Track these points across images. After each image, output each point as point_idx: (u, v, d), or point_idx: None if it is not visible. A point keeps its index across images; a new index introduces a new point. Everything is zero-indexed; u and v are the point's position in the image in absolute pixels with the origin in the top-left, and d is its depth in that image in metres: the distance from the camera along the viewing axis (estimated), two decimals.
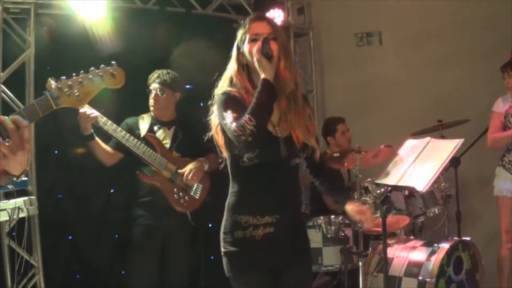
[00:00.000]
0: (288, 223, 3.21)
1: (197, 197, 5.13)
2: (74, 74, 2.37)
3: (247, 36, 3.21)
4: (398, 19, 7.32)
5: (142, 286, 4.96)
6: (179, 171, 5.02)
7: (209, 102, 3.31)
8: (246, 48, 3.20)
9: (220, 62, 3.44)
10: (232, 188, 3.26)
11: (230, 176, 3.29)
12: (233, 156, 3.22)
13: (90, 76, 2.36)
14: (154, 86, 5.09)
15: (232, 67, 3.26)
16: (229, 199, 3.27)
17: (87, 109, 4.59)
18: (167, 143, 5.12)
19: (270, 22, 3.29)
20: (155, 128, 5.14)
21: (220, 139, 3.31)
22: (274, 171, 3.18)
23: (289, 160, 3.21)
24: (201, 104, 4.97)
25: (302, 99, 3.33)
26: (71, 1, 5.43)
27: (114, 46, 5.64)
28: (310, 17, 7.57)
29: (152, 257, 5.00)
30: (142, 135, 5.05)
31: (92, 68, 2.38)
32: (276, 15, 6.84)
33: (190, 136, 5.13)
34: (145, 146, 4.93)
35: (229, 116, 3.06)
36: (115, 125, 4.87)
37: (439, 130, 5.76)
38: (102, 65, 2.40)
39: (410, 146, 4.80)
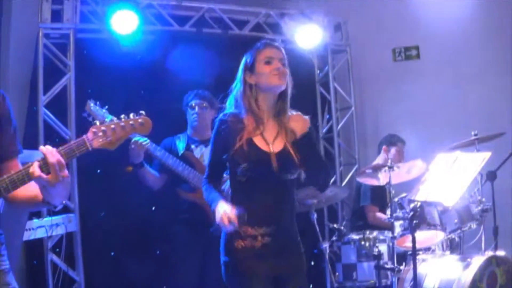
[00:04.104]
0: (284, 233, 3.36)
1: None
2: (106, 120, 2.59)
3: (260, 58, 3.40)
4: (434, 34, 7.32)
5: None
6: None
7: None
8: (259, 69, 3.39)
9: None
10: (231, 200, 3.40)
11: (230, 189, 3.49)
12: (231, 172, 3.44)
13: (122, 124, 2.58)
14: (196, 102, 5.15)
15: (238, 88, 3.47)
16: None
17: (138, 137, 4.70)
18: (204, 160, 5.07)
19: (281, 49, 3.47)
20: (192, 146, 5.17)
21: None
22: (267, 185, 3.33)
23: (282, 175, 3.35)
24: None
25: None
26: (109, 26, 5.63)
27: (152, 68, 5.82)
28: (347, 33, 7.56)
29: (192, 272, 5.03)
30: (180, 154, 5.09)
31: (123, 115, 2.61)
32: (312, 32, 6.88)
33: None
34: (184, 164, 4.98)
35: (207, 159, 3.61)
36: (158, 146, 4.96)
37: (475, 144, 5.71)
38: (132, 114, 2.63)
39: (440, 161, 4.83)
